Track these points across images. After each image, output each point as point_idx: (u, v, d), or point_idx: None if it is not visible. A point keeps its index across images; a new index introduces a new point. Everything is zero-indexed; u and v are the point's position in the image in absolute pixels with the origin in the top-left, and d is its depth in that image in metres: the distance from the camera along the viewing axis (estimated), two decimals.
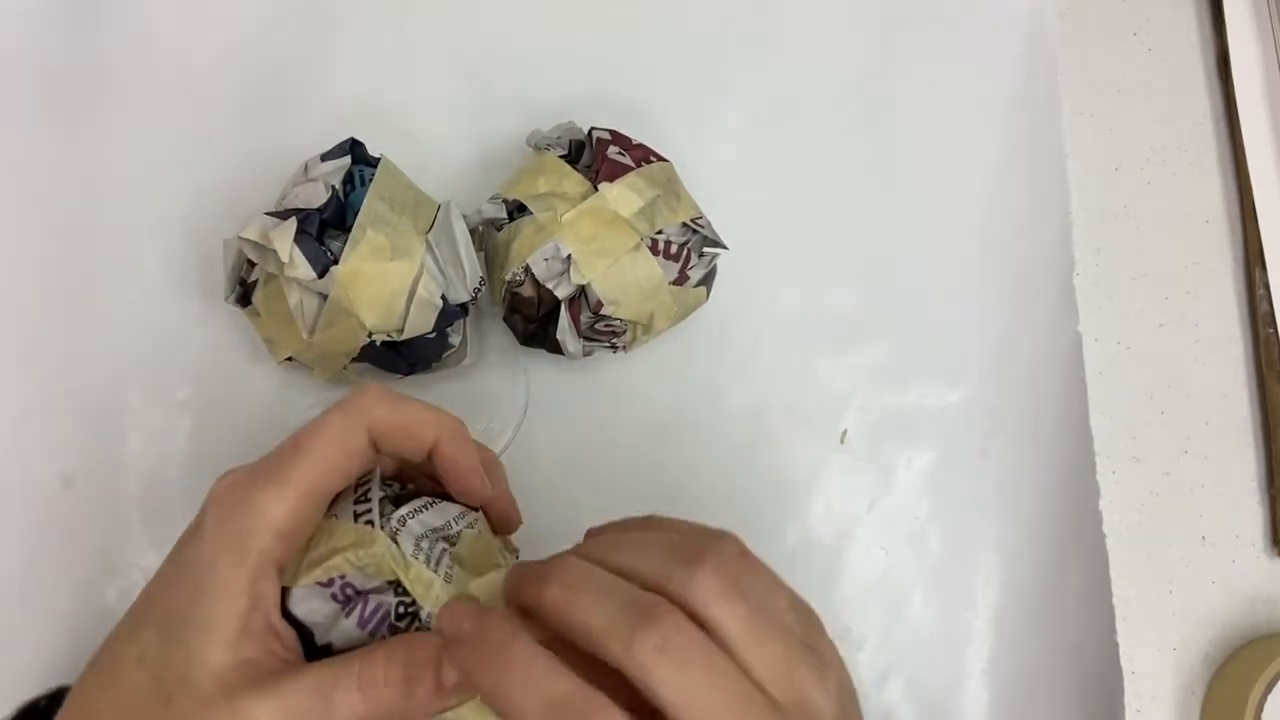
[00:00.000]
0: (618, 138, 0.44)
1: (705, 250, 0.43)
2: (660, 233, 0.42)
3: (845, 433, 0.47)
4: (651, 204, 0.42)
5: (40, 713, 0.34)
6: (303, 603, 0.30)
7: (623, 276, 0.41)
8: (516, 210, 0.42)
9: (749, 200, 0.48)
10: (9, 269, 0.45)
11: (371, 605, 0.30)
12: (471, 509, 0.34)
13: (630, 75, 0.49)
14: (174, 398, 0.45)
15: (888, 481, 0.47)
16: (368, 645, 0.29)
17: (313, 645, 0.30)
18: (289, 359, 0.42)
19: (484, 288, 0.42)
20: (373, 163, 0.41)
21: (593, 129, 0.44)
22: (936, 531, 0.47)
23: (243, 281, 0.41)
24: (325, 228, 0.40)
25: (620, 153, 0.43)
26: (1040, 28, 0.51)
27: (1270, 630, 0.48)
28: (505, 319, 0.44)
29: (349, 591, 0.30)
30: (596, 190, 0.41)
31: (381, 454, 0.32)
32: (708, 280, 0.44)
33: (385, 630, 0.30)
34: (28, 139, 0.47)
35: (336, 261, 0.39)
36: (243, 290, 0.41)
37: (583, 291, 0.41)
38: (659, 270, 0.42)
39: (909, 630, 0.46)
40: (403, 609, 0.30)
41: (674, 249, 0.42)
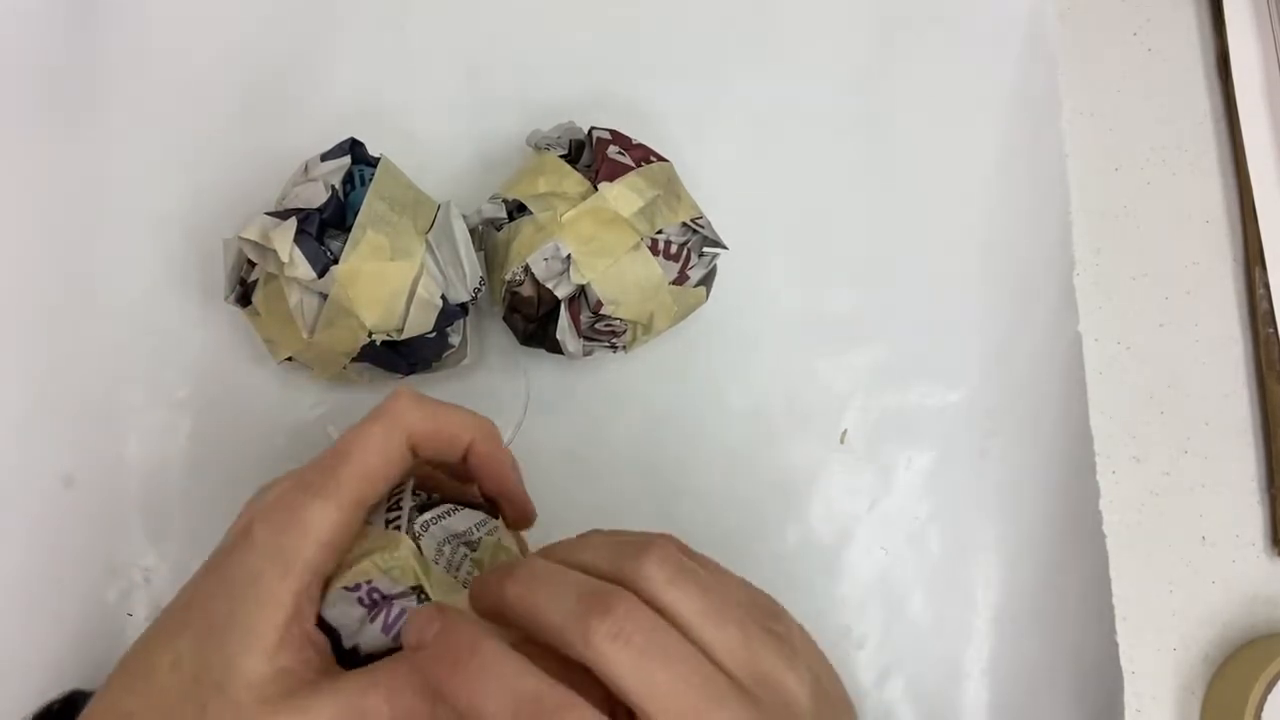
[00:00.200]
0: (618, 138, 0.44)
1: (705, 250, 0.43)
2: (660, 233, 0.42)
3: (845, 433, 0.47)
4: (651, 204, 0.42)
5: (54, 716, 0.34)
6: (333, 607, 0.30)
7: (623, 276, 0.41)
8: (516, 210, 0.42)
9: (749, 200, 0.48)
10: (9, 269, 0.45)
11: (395, 611, 0.30)
12: (492, 516, 0.35)
13: (630, 75, 0.49)
14: (174, 398, 0.45)
15: (888, 481, 0.47)
16: (394, 655, 0.29)
17: (340, 645, 0.30)
18: (289, 359, 0.42)
19: (484, 288, 0.42)
20: (373, 163, 0.41)
21: (593, 129, 0.44)
22: (936, 531, 0.47)
23: (243, 281, 0.41)
24: (325, 228, 0.40)
25: (620, 153, 0.43)
26: (1040, 28, 0.51)
27: (1270, 630, 0.48)
28: (505, 319, 0.44)
29: (375, 596, 0.30)
30: (596, 190, 0.41)
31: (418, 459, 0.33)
32: (708, 280, 0.44)
33: None
34: (28, 139, 0.47)
35: (336, 261, 0.39)
36: (243, 290, 0.41)
37: (583, 291, 0.41)
38: (659, 270, 0.42)
39: (909, 630, 0.46)
40: None
41: (674, 249, 0.42)
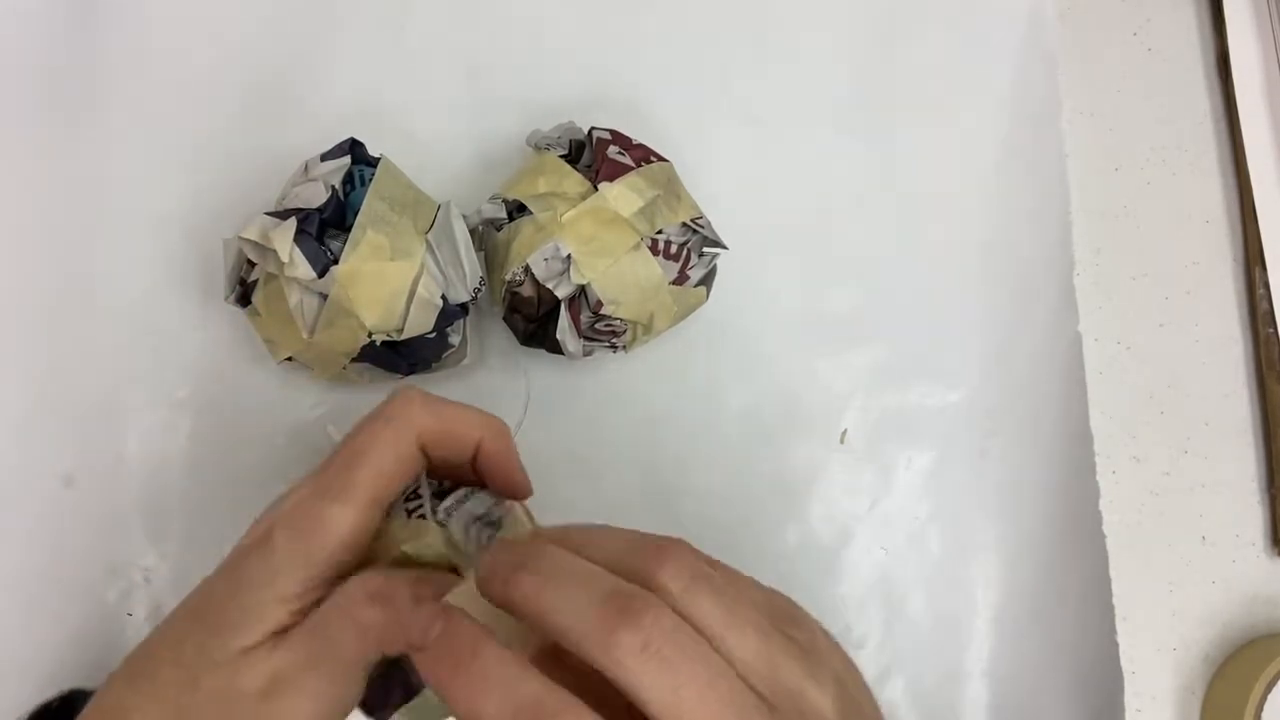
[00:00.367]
0: (618, 138, 0.44)
1: (705, 250, 0.43)
2: (660, 233, 0.42)
3: (845, 433, 0.47)
4: (651, 204, 0.42)
5: (53, 715, 0.34)
6: None
7: (623, 276, 0.41)
8: (516, 210, 0.42)
9: (749, 200, 0.48)
10: (9, 269, 0.45)
11: None
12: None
13: (630, 75, 0.49)
14: (174, 398, 0.45)
15: (888, 481, 0.47)
16: (350, 578, 0.30)
17: None
18: (289, 359, 0.42)
19: (484, 288, 0.42)
20: (373, 163, 0.41)
21: (593, 129, 0.44)
22: (936, 531, 0.47)
23: (243, 281, 0.41)
24: (325, 228, 0.40)
25: (620, 153, 0.43)
26: (1040, 28, 0.51)
27: (1270, 630, 0.48)
28: (505, 319, 0.44)
29: None
30: (596, 190, 0.41)
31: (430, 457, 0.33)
32: (708, 280, 0.44)
33: None
34: (28, 139, 0.47)
35: (336, 261, 0.39)
36: (243, 290, 0.41)
37: (583, 291, 0.41)
38: (659, 270, 0.42)
39: (909, 630, 0.46)
40: None
41: (674, 249, 0.42)
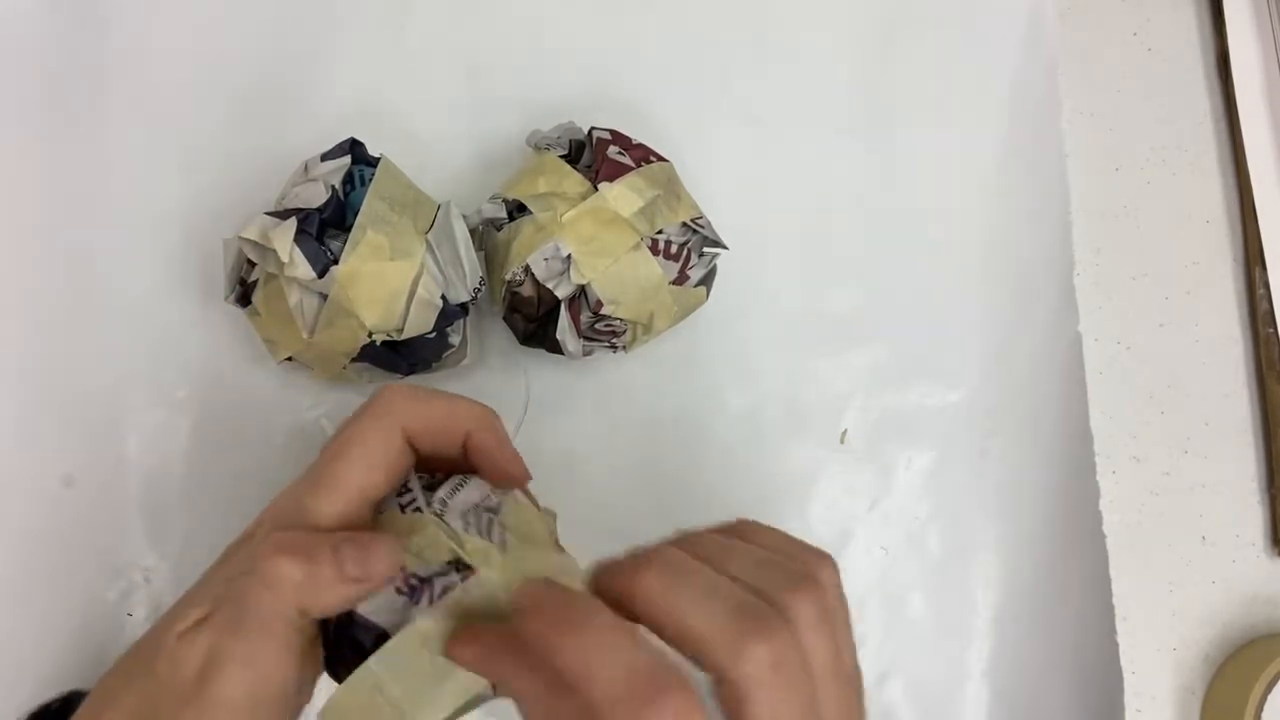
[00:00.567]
0: (618, 138, 0.44)
1: (705, 250, 0.43)
2: (660, 233, 0.42)
3: (845, 433, 0.47)
4: (651, 204, 0.42)
5: (52, 715, 0.34)
6: (372, 603, 0.30)
7: (623, 276, 0.41)
8: (516, 210, 0.42)
9: (749, 200, 0.48)
10: (9, 269, 0.45)
11: (439, 589, 0.30)
12: None
13: (630, 75, 0.49)
14: (174, 398, 0.45)
15: (888, 481, 0.47)
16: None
17: (350, 648, 0.30)
18: (289, 359, 0.42)
19: (484, 288, 0.42)
20: (373, 163, 0.41)
21: (593, 129, 0.44)
22: (936, 531, 0.47)
23: (243, 281, 0.41)
24: (325, 228, 0.40)
25: (620, 153, 0.43)
26: (1040, 28, 0.51)
27: (1270, 630, 0.48)
28: (505, 319, 0.44)
29: (413, 582, 0.30)
30: (596, 190, 0.41)
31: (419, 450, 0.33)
32: (708, 280, 0.44)
33: None
34: (28, 139, 0.47)
35: (336, 261, 0.39)
36: (243, 290, 0.41)
37: (583, 291, 0.41)
38: (659, 270, 0.42)
39: (909, 630, 0.46)
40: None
41: (674, 249, 0.42)
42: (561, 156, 0.43)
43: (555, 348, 0.42)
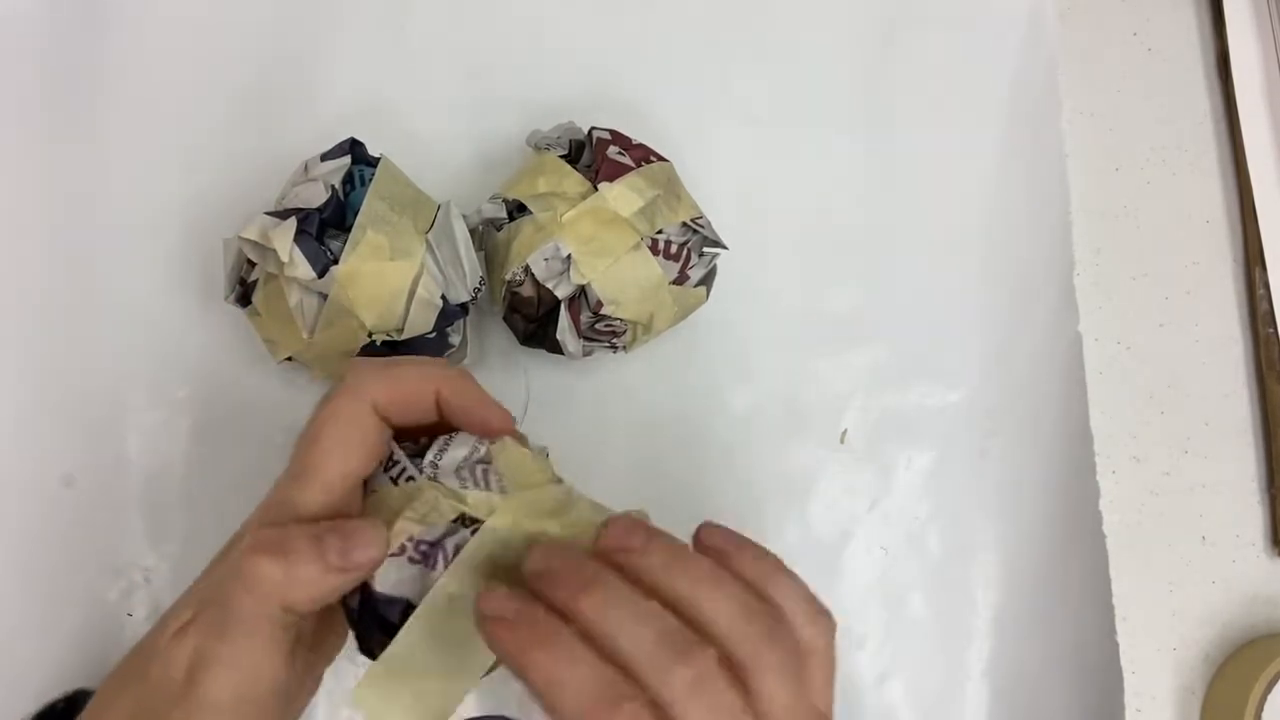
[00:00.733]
0: (618, 138, 0.44)
1: (705, 250, 0.43)
2: (660, 233, 0.42)
3: (845, 433, 0.47)
4: (651, 204, 0.42)
5: (58, 715, 0.34)
6: (386, 578, 0.30)
7: (622, 276, 0.41)
8: (516, 210, 0.42)
9: (749, 200, 0.48)
10: (9, 269, 0.45)
11: (450, 548, 0.30)
12: None
13: (630, 75, 0.49)
14: (174, 398, 0.45)
15: (888, 481, 0.47)
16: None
17: (375, 620, 0.30)
18: (289, 359, 0.42)
19: (484, 287, 0.42)
20: (373, 163, 0.41)
21: (593, 129, 0.44)
22: (936, 531, 0.47)
23: (243, 281, 0.41)
24: (325, 227, 0.40)
25: (620, 153, 0.43)
26: (1040, 28, 0.51)
27: (1270, 630, 0.48)
28: (505, 319, 0.44)
29: (423, 548, 0.30)
30: (596, 190, 0.41)
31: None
32: (708, 280, 0.44)
33: None
34: (28, 139, 0.47)
35: (336, 261, 0.39)
36: (243, 290, 0.41)
37: (583, 291, 0.41)
38: (659, 270, 0.42)
39: (909, 630, 0.46)
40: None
41: (674, 249, 0.42)
42: (561, 156, 0.43)
43: (555, 348, 0.42)
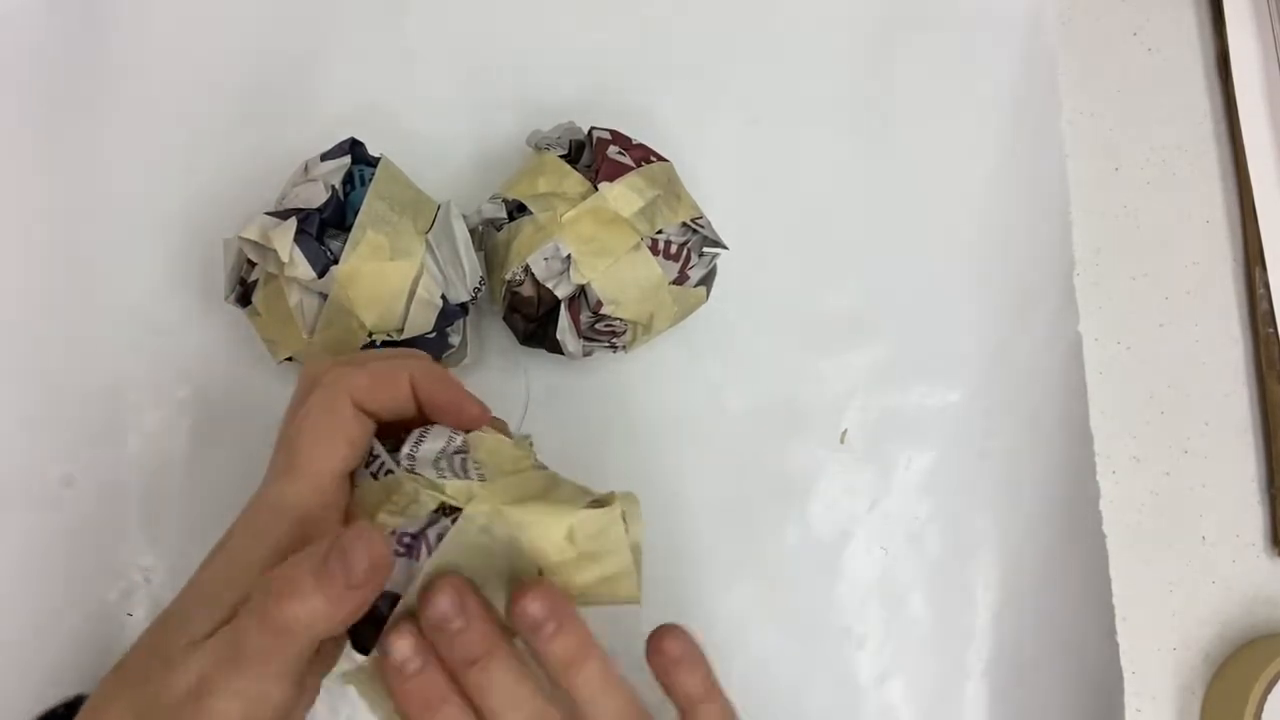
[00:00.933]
0: (618, 138, 0.44)
1: (705, 250, 0.43)
2: (660, 233, 0.42)
3: (845, 433, 0.47)
4: (651, 204, 0.42)
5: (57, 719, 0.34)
6: None
7: (622, 276, 0.41)
8: (516, 210, 0.42)
9: (749, 200, 0.48)
10: (9, 269, 0.45)
11: (433, 537, 0.30)
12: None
13: (630, 75, 0.49)
14: (174, 398, 0.45)
15: (888, 481, 0.47)
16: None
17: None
18: (289, 359, 0.42)
19: (484, 287, 0.42)
20: (373, 163, 0.41)
21: (593, 129, 0.44)
22: (936, 531, 0.47)
23: (243, 281, 0.41)
24: (325, 227, 0.40)
25: (620, 153, 0.43)
26: (1040, 29, 0.51)
27: (1270, 630, 0.48)
28: (505, 319, 0.44)
29: (406, 540, 0.30)
30: (596, 190, 0.41)
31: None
32: (708, 280, 0.44)
33: None
34: (28, 138, 0.47)
35: (336, 261, 0.39)
36: (243, 290, 0.41)
37: (583, 291, 0.41)
38: (659, 270, 0.42)
39: (909, 630, 0.46)
40: None
41: (674, 249, 0.42)
42: (561, 156, 0.43)
43: (555, 348, 0.42)
